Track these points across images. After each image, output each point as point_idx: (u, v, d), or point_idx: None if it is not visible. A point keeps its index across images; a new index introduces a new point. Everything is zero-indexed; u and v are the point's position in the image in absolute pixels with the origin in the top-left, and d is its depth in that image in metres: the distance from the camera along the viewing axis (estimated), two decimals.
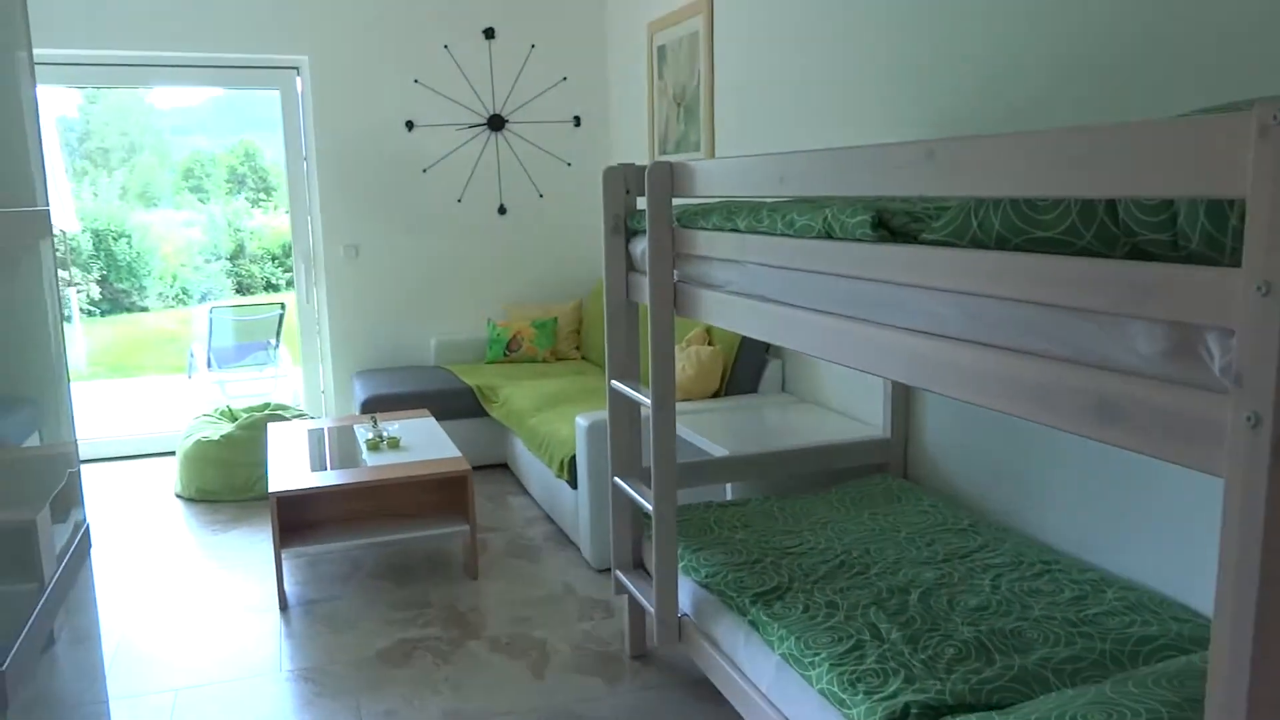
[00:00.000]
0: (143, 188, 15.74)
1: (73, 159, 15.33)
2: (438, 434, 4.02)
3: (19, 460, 1.75)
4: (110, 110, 15.82)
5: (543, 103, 5.60)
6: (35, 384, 1.95)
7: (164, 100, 16.75)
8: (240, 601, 3.45)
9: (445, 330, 5.60)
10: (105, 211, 13.93)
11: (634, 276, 2.70)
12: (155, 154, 16.05)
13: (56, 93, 15.18)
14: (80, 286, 13.08)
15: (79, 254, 13.19)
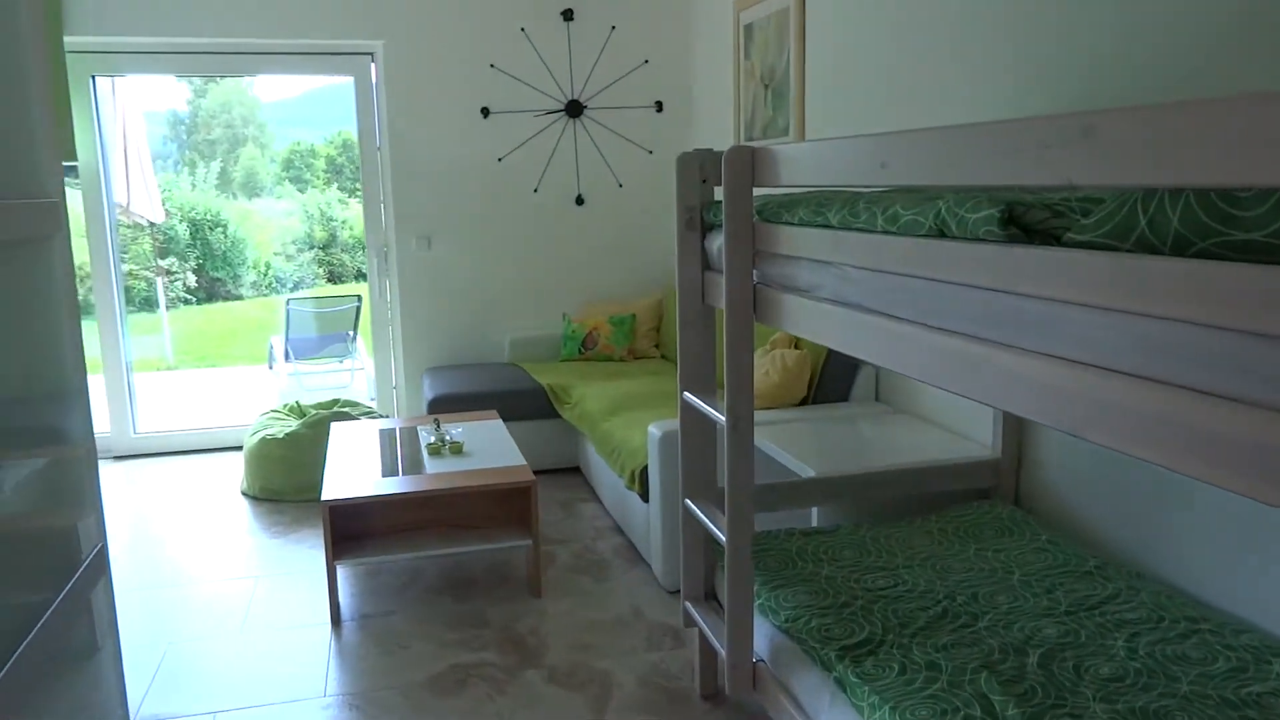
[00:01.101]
0: (245, 178, 16.09)
1: (182, 150, 15.75)
2: (504, 438, 3.79)
3: (20, 470, 1.56)
4: (216, 104, 16.21)
5: (623, 87, 5.32)
6: (40, 384, 1.76)
7: (267, 93, 17.08)
8: (292, 613, 3.28)
9: (520, 326, 5.39)
10: (203, 201, 14.21)
11: (710, 276, 2.40)
12: (258, 145, 16.39)
13: (163, 87, 15.61)
14: (177, 274, 13.37)
15: (176, 243, 13.47)
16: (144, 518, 4.27)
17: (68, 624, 1.77)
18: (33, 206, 1.73)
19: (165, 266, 13.04)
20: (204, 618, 3.26)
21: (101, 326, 5.15)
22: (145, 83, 18.76)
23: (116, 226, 5.27)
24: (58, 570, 1.76)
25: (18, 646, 1.54)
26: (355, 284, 13.56)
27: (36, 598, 1.66)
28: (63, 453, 1.84)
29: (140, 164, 6.99)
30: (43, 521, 1.73)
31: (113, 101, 6.49)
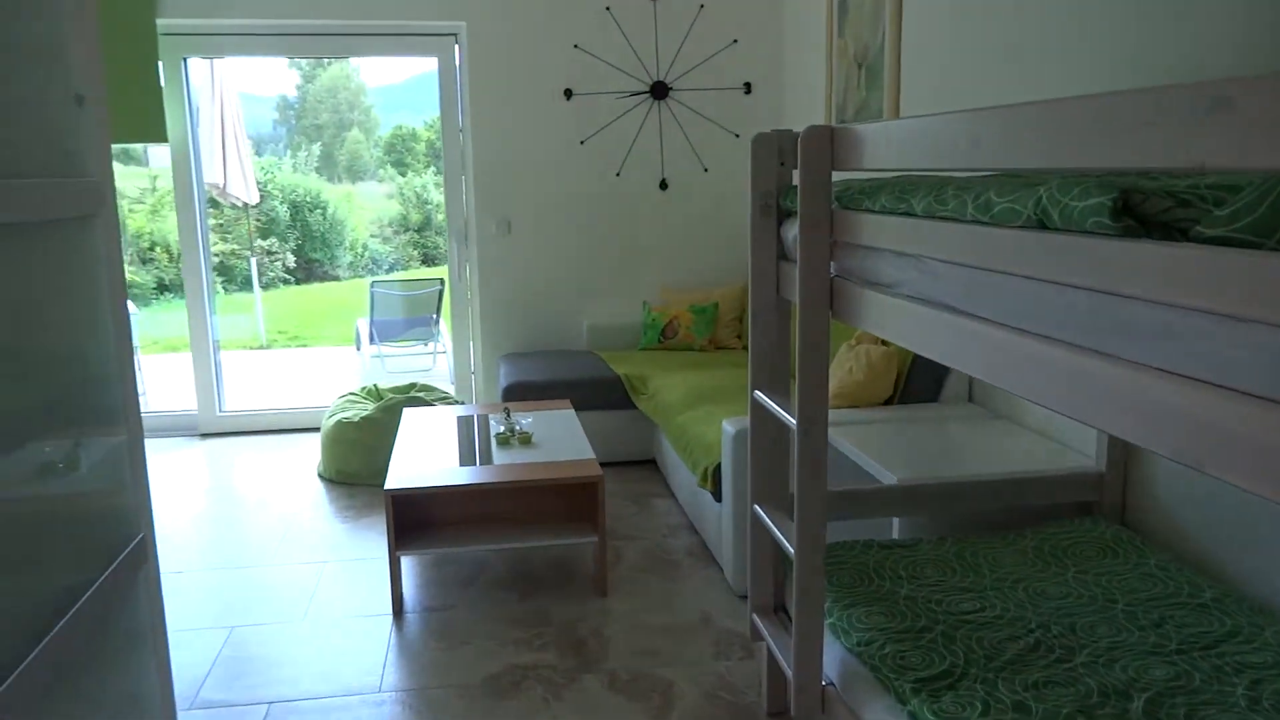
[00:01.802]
0: (350, 161, 16.44)
1: (290, 134, 16.17)
2: (575, 430, 3.67)
3: (47, 455, 1.50)
4: (323, 88, 16.60)
5: (710, 68, 5.14)
6: (80, 368, 1.70)
7: (373, 78, 17.39)
8: (356, 602, 3.23)
9: (599, 313, 5.27)
10: (303, 183, 14.53)
11: (785, 267, 2.23)
12: (363, 130, 16.72)
13: (273, 72, 16.02)
14: (277, 255, 13.72)
15: (277, 224, 13.82)
16: (222, 496, 4.31)
17: (103, 616, 1.71)
18: (70, 185, 1.66)
19: (265, 247, 13.40)
20: (269, 603, 3.25)
21: (189, 305, 5.23)
22: (252, 66, 19.32)
23: (206, 207, 5.34)
24: (93, 560, 1.71)
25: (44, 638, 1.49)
26: (445, 268, 13.72)
27: (68, 589, 1.60)
28: (101, 440, 1.78)
29: (237, 146, 7.12)
30: (77, 509, 1.68)
31: (211, 84, 6.61)
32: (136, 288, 11.55)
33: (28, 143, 1.57)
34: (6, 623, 1.42)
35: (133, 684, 1.88)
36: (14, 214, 1.50)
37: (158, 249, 12.00)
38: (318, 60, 15.98)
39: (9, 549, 1.44)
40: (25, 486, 1.51)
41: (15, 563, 1.46)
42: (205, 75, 6.57)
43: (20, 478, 1.49)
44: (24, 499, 1.50)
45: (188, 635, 3.03)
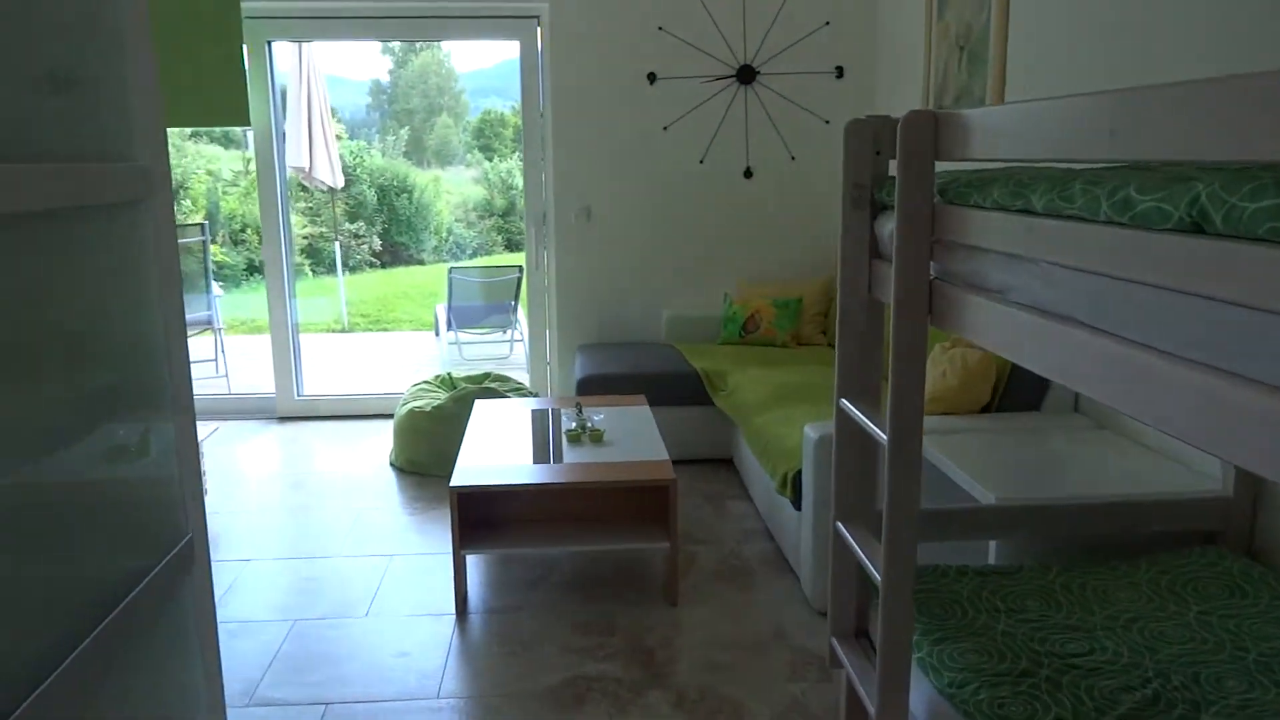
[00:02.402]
0: (439, 145, 16.60)
1: (383, 119, 16.41)
2: (649, 428, 3.53)
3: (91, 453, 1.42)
4: (414, 74, 16.80)
5: (800, 51, 4.92)
6: (125, 359, 1.62)
7: (463, 63, 17.55)
8: (420, 599, 3.15)
9: (678, 304, 5.11)
10: (390, 167, 14.69)
11: (879, 266, 2.04)
12: (452, 115, 16.88)
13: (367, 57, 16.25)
14: (363, 238, 13.90)
15: (364, 208, 14.00)
16: (294, 482, 4.29)
17: (147, 620, 1.63)
18: (118, 171, 1.58)
19: (353, 230, 13.59)
20: (333, 596, 3.19)
21: (269, 288, 5.25)
22: (345, 51, 19.63)
23: (292, 190, 5.34)
24: (136, 562, 1.63)
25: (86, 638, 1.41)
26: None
27: (110, 590, 1.52)
28: (148, 435, 1.70)
29: (323, 130, 7.15)
30: (121, 507, 1.60)
31: (299, 68, 6.64)
32: (228, 269, 11.82)
33: (74, 127, 1.48)
34: (48, 622, 1.34)
35: (177, 689, 1.81)
36: (56, 200, 1.42)
37: (248, 230, 12.25)
38: (410, 45, 16.16)
39: (50, 546, 1.36)
40: (68, 479, 1.43)
41: (55, 560, 1.38)
42: (293, 59, 6.60)
43: (62, 470, 1.41)
44: (66, 492, 1.43)
45: (251, 626, 2.98)
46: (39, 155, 1.40)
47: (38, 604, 1.35)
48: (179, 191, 12.27)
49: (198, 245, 7.00)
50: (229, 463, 4.57)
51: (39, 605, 1.35)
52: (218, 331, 6.33)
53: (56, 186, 1.42)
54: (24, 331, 1.33)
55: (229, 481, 4.31)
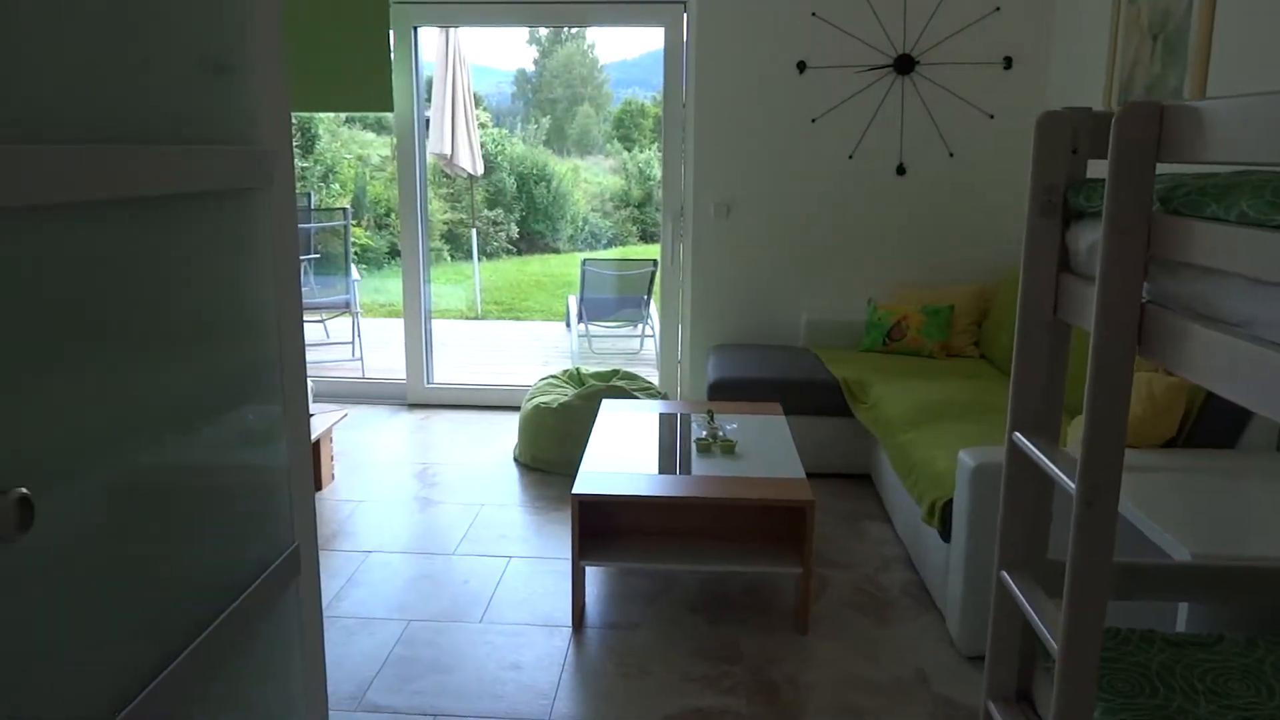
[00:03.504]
0: (579, 135, 16.70)
1: (526, 107, 16.63)
2: (784, 441, 3.30)
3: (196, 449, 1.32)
4: (559, 63, 16.96)
5: (965, 39, 4.57)
6: (234, 356, 1.52)
7: (607, 53, 17.62)
8: (536, 606, 3.03)
9: (819, 307, 4.85)
10: (530, 155, 14.82)
11: (1069, 283, 1.76)
12: (593, 104, 16.95)
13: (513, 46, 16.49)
14: (502, 225, 14.07)
15: (504, 195, 14.17)
16: (419, 473, 4.25)
17: (248, 630, 1.53)
18: (239, 154, 1.47)
19: (491, 217, 13.76)
20: (449, 597, 3.10)
21: (405, 274, 5.25)
22: (492, 40, 19.97)
23: (431, 176, 5.33)
24: (240, 569, 1.53)
25: (189, 645, 1.33)
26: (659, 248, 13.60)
27: (214, 596, 1.43)
28: (258, 437, 1.60)
29: (466, 118, 7.17)
30: (226, 509, 1.50)
31: (445, 55, 6.66)
32: (371, 252, 12.13)
33: (204, 111, 1.39)
34: (154, 625, 1.26)
35: (278, 698, 1.71)
36: (184, 184, 1.32)
37: (392, 215, 12.54)
38: (555, 36, 16.27)
39: (156, 547, 1.27)
40: (176, 475, 1.34)
41: (163, 562, 1.29)
42: (440, 47, 6.62)
43: (171, 465, 1.32)
44: (173, 492, 1.33)
45: (367, 624, 2.92)
46: (167, 139, 1.31)
47: (143, 608, 1.26)
48: (329, 175, 12.67)
49: (341, 228, 7.13)
50: (357, 448, 4.58)
51: (144, 609, 1.26)
52: (355, 315, 6.41)
53: (185, 170, 1.33)
54: (146, 317, 1.26)
55: (356, 467, 4.31)
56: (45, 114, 1.07)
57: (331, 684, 2.54)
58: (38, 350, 1.06)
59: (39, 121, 1.06)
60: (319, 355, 6.42)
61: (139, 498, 1.25)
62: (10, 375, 1.02)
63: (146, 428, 1.27)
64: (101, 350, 1.17)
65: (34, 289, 1.05)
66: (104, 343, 1.17)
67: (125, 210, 1.21)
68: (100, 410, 1.17)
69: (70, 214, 1.10)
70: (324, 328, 7.00)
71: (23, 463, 1.04)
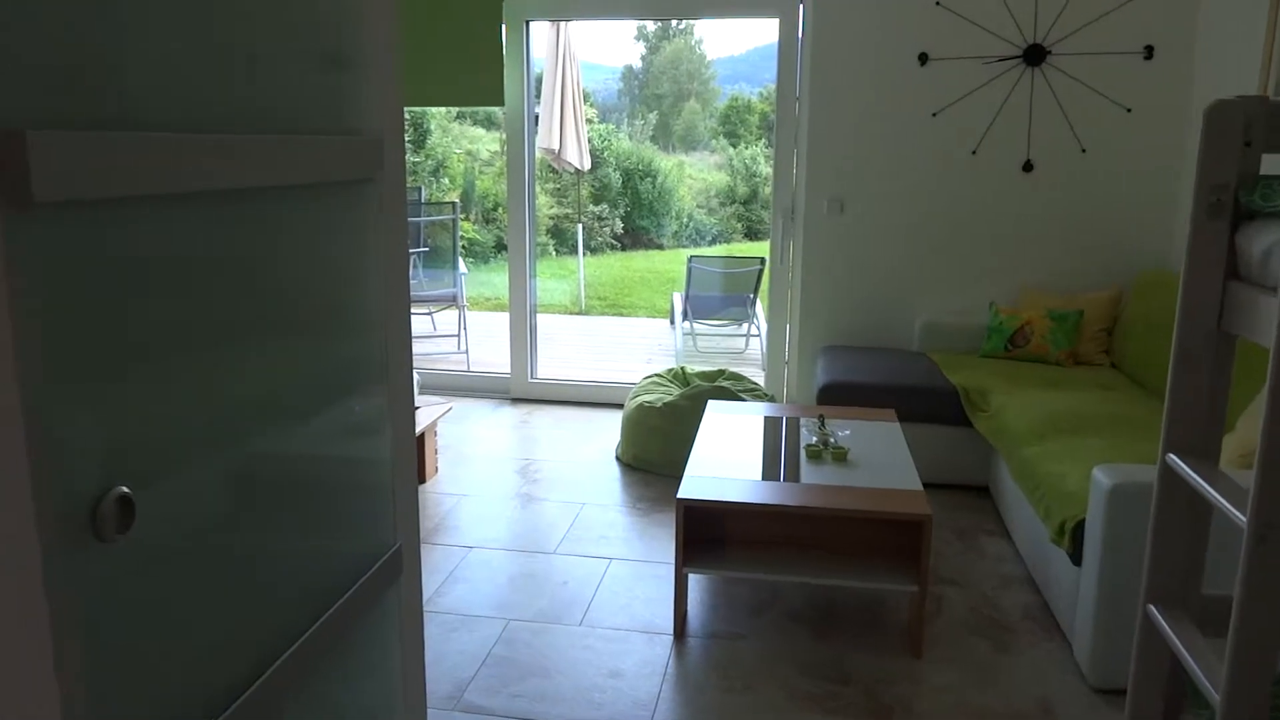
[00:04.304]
0: (684, 131, 16.64)
1: (633, 104, 16.66)
2: (899, 449, 3.15)
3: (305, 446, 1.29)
4: (666, 59, 16.93)
5: (1102, 27, 4.30)
6: (338, 362, 1.48)
7: (714, 49, 17.52)
8: (637, 611, 2.95)
9: (936, 309, 4.65)
10: (636, 151, 14.81)
11: (1239, 291, 1.59)
12: (699, 100, 16.87)
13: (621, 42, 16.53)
14: (606, 220, 14.09)
15: (609, 190, 14.19)
16: (521, 469, 4.23)
17: (348, 633, 1.50)
18: (352, 145, 1.43)
19: (597, 212, 13.79)
20: (549, 597, 3.05)
21: (511, 268, 5.25)
22: (600, 36, 20.05)
23: (538, 171, 5.32)
24: (342, 568, 1.49)
25: (291, 646, 1.30)
26: (768, 242, 13.41)
27: (314, 597, 1.40)
28: (362, 435, 1.56)
29: (575, 113, 7.16)
30: (328, 506, 1.46)
31: (556, 50, 6.65)
32: (478, 245, 12.30)
33: (305, 103, 1.35)
34: (252, 626, 1.23)
35: (376, 699, 1.67)
36: (302, 174, 1.29)
37: (499, 209, 12.69)
38: (663, 32, 16.21)
39: (254, 545, 1.24)
40: (279, 469, 1.31)
41: (259, 561, 1.26)
42: (550, 42, 6.62)
43: (274, 459, 1.29)
44: (276, 483, 1.30)
45: (466, 621, 2.89)
46: (285, 130, 1.28)
47: (247, 607, 1.23)
48: (440, 170, 12.90)
49: (449, 222, 7.21)
50: (461, 441, 4.59)
51: (248, 608, 1.24)
52: (461, 308, 6.47)
53: (302, 160, 1.30)
54: (258, 307, 1.23)
55: (459, 461, 4.32)
56: (172, 104, 1.05)
57: (430, 682, 2.52)
58: (156, 341, 1.03)
59: (167, 113, 1.04)
60: (426, 348, 6.50)
61: (244, 494, 1.22)
62: (124, 366, 0.99)
63: (254, 421, 1.24)
64: (213, 341, 1.14)
65: (159, 279, 1.02)
66: (215, 334, 1.14)
67: (240, 201, 1.18)
68: (209, 403, 1.14)
69: (183, 204, 1.06)
70: (431, 320, 7.09)
71: (130, 458, 1.00)
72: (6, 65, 0.83)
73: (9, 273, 0.84)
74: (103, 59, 0.95)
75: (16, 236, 0.85)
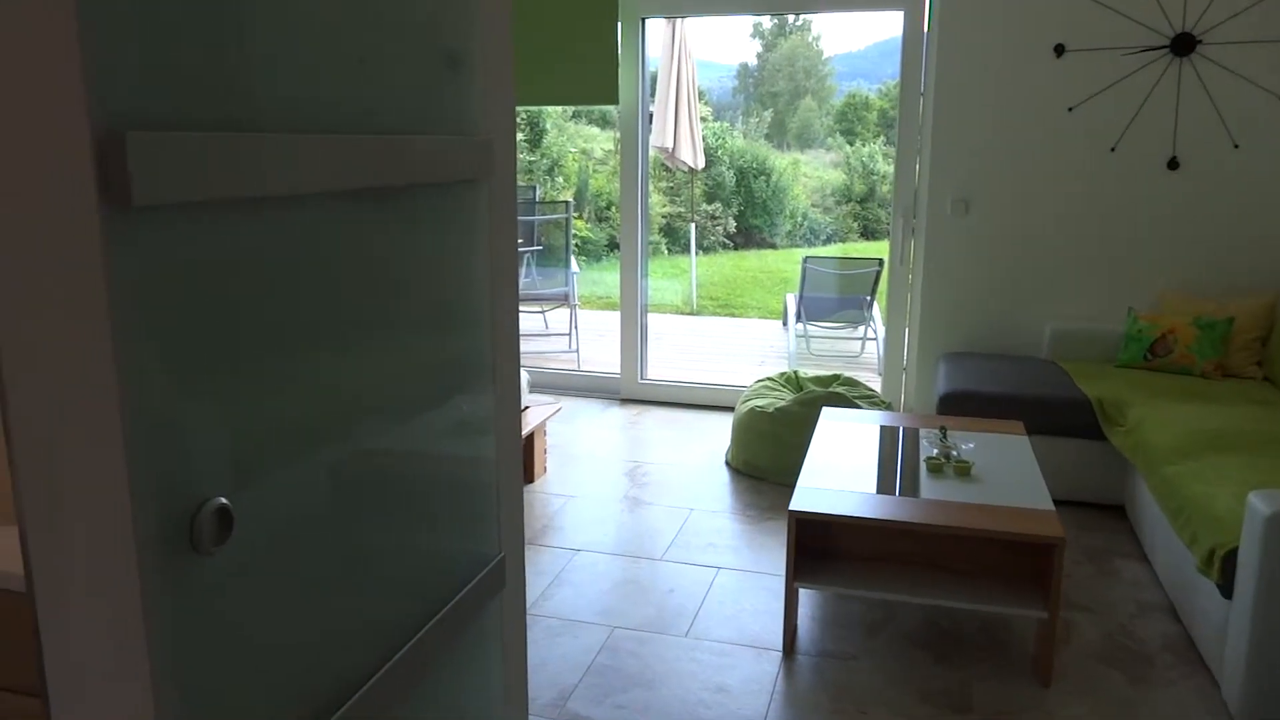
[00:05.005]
0: (800, 129, 16.40)
1: (747, 101, 16.52)
2: (1028, 465, 2.97)
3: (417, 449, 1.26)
4: (782, 57, 16.72)
5: (1259, 15, 3.98)
6: (444, 371, 1.44)
7: (831, 45, 17.22)
8: (745, 625, 2.86)
9: (1067, 315, 4.39)
10: (750, 149, 14.65)
11: None
12: (816, 98, 16.61)
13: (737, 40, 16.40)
14: (719, 219, 13.98)
15: (722, 189, 14.08)
16: (630, 472, 4.19)
17: (450, 643, 1.47)
18: (467, 145, 1.40)
19: (710, 211, 13.69)
20: (655, 605, 2.99)
21: (623, 268, 5.22)
22: (716, 33, 19.92)
23: (651, 169, 5.27)
24: (446, 578, 1.46)
25: (397, 652, 1.27)
26: (885, 242, 13.06)
27: (416, 608, 1.37)
28: (468, 442, 1.52)
29: (689, 111, 7.09)
30: (432, 520, 1.43)
31: (671, 49, 6.60)
32: (590, 244, 12.36)
33: (423, 104, 1.32)
34: (355, 635, 1.21)
35: (478, 711, 1.64)
36: (420, 175, 1.26)
37: (612, 208, 12.73)
38: (779, 29, 15.98)
39: (360, 550, 1.22)
40: (386, 472, 1.28)
41: (364, 566, 1.24)
42: (666, 41, 6.57)
43: (381, 462, 1.27)
44: (383, 487, 1.27)
45: (571, 626, 2.86)
46: (405, 131, 1.26)
47: (351, 615, 1.21)
48: (554, 169, 13.02)
49: (563, 221, 7.24)
50: (570, 441, 4.58)
51: (352, 616, 1.21)
52: (573, 307, 6.48)
53: (420, 161, 1.28)
54: (370, 306, 1.21)
55: (567, 461, 4.31)
56: (289, 106, 1.03)
57: (532, 688, 2.49)
58: (261, 345, 1.01)
59: (283, 114, 1.02)
60: (538, 346, 6.54)
61: (347, 497, 1.19)
62: (229, 371, 0.96)
63: (358, 424, 1.21)
64: (316, 343, 1.11)
65: (263, 279, 1.00)
66: (318, 335, 1.11)
67: (349, 200, 1.15)
68: (311, 408, 1.12)
69: (288, 204, 1.04)
70: (543, 318, 7.13)
71: (232, 465, 0.98)
72: (114, 67, 0.81)
73: (109, 276, 0.82)
74: (225, 60, 0.93)
75: (117, 239, 0.82)
